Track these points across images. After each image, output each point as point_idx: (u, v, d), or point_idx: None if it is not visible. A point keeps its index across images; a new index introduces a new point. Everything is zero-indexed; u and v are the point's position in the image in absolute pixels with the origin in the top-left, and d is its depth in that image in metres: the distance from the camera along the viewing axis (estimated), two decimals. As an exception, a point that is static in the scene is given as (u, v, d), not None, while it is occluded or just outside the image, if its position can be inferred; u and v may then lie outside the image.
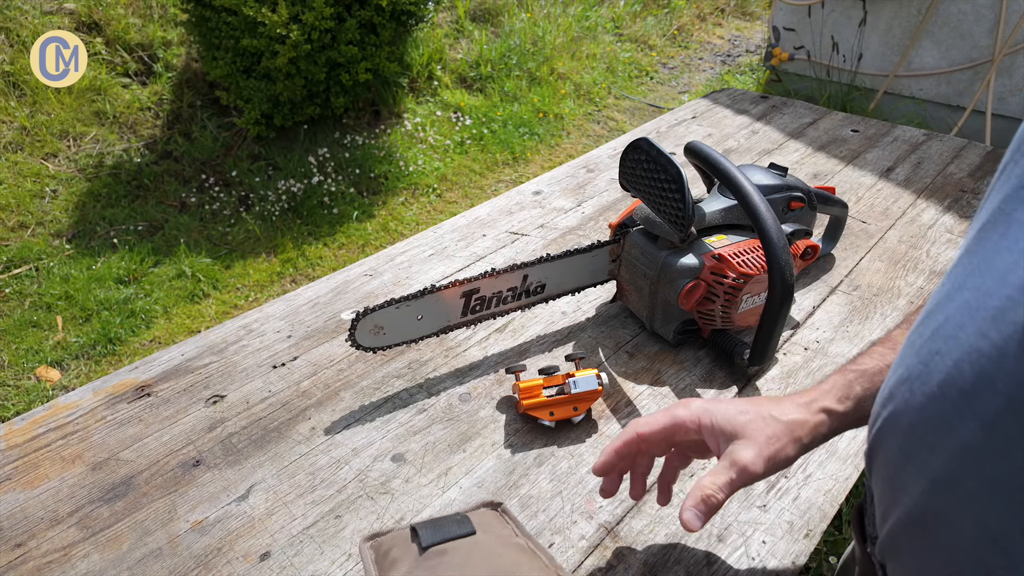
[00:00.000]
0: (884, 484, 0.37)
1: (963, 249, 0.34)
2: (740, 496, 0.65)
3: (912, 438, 0.33)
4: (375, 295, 0.97)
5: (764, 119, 1.54)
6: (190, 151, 2.88)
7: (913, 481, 0.33)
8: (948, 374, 0.30)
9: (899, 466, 0.34)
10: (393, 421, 0.75)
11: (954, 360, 0.30)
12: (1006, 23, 2.72)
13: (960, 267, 0.33)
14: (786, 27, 3.43)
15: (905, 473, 0.34)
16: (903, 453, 0.34)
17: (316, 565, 0.60)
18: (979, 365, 0.28)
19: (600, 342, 0.87)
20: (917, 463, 0.32)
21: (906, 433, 0.33)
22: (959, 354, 0.30)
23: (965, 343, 0.29)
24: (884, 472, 0.37)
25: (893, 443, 0.35)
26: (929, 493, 0.32)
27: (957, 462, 0.30)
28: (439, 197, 2.91)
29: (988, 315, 0.28)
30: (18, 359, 2.00)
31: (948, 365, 0.30)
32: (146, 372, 0.83)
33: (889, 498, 0.36)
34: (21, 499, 0.66)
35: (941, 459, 0.31)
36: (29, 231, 2.49)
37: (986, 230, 0.32)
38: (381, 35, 2.78)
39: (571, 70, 3.85)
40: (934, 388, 0.31)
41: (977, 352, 0.28)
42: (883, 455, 0.36)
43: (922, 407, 0.32)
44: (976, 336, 0.29)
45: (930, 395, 0.31)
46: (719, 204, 0.83)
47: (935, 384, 0.31)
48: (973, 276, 0.31)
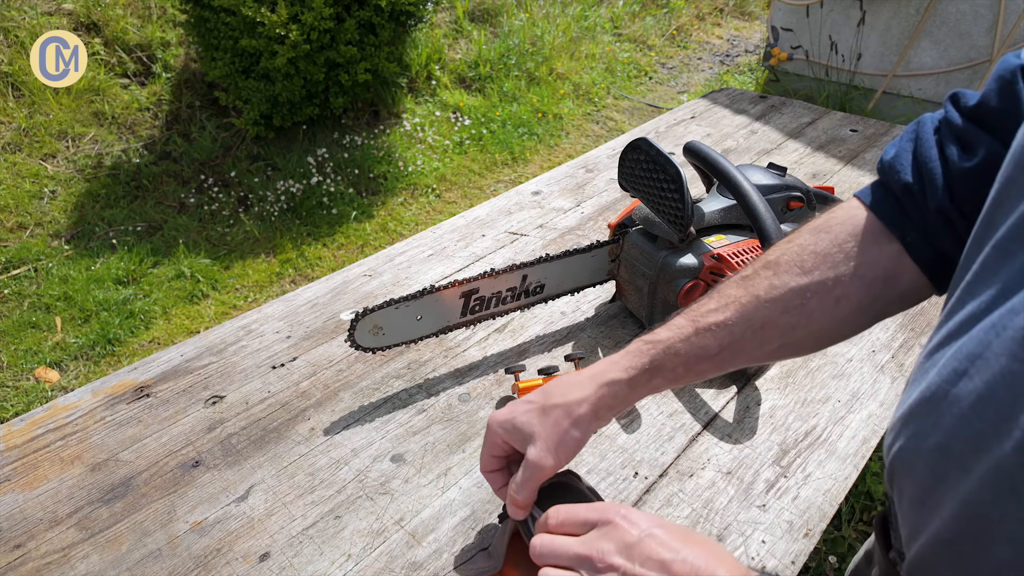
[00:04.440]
0: (912, 504, 0.36)
1: (979, 265, 0.33)
2: (740, 496, 0.65)
3: (943, 460, 0.32)
4: (374, 295, 0.97)
5: (763, 119, 1.54)
6: (189, 152, 2.88)
7: (945, 503, 0.32)
8: (980, 396, 0.30)
9: (929, 487, 0.34)
10: (392, 421, 0.75)
11: (985, 382, 0.29)
12: (1004, 22, 2.73)
13: (979, 283, 0.32)
14: (784, 27, 3.43)
15: (936, 495, 0.33)
16: (933, 474, 0.33)
17: (316, 566, 0.60)
18: (1014, 387, 0.28)
19: (599, 342, 0.87)
20: (949, 484, 0.32)
21: (934, 454, 0.33)
22: (990, 376, 0.29)
23: (996, 365, 0.29)
24: (911, 492, 0.36)
25: (920, 464, 0.34)
26: (961, 515, 0.31)
27: (990, 484, 0.29)
28: (438, 197, 2.91)
29: (1018, 335, 0.28)
30: (17, 360, 2.00)
31: (979, 387, 0.30)
32: (145, 373, 0.83)
33: (917, 518, 0.36)
34: (20, 500, 0.66)
35: (974, 481, 0.30)
36: (28, 232, 2.49)
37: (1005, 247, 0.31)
38: (380, 35, 2.78)
39: (570, 70, 3.85)
40: (966, 410, 0.30)
41: (1011, 374, 0.28)
42: (908, 475, 0.36)
43: (953, 429, 0.31)
44: (1008, 358, 0.28)
45: (961, 416, 0.31)
46: (718, 204, 0.83)
47: (967, 406, 0.30)
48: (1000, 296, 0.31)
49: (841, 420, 0.74)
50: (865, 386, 0.79)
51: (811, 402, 0.77)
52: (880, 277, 0.45)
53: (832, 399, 0.77)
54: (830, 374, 0.81)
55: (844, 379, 0.80)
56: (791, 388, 0.79)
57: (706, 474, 0.68)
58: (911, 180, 0.43)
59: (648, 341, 0.50)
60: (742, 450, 0.71)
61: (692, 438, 0.72)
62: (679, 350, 0.49)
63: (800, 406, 0.76)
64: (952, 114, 0.43)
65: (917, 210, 0.44)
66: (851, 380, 0.80)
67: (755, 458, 0.70)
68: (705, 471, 0.68)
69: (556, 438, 0.49)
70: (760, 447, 0.71)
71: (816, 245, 0.46)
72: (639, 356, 0.50)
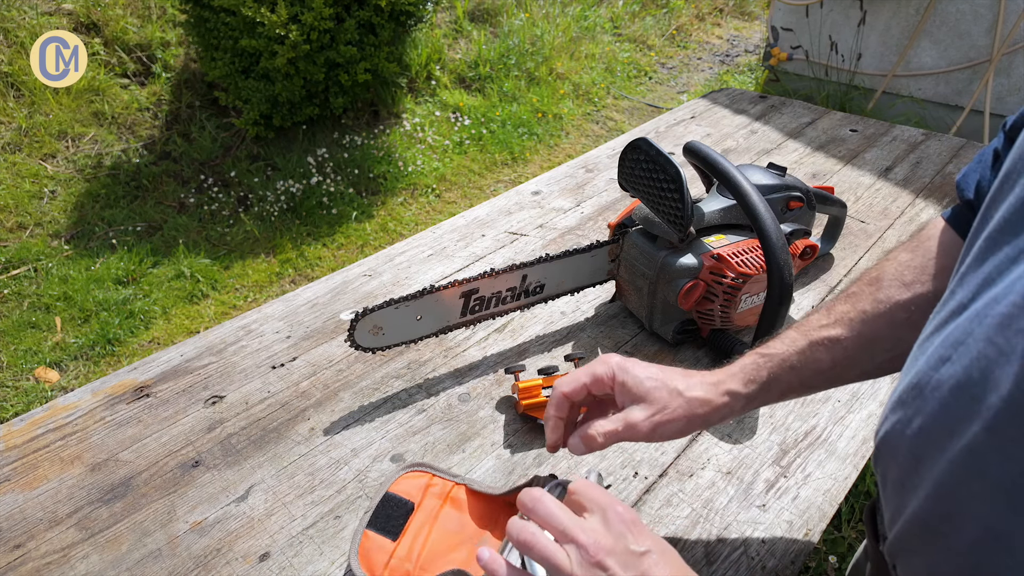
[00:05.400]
0: (893, 487, 0.37)
1: (972, 257, 0.34)
2: (740, 496, 0.65)
3: (922, 442, 0.33)
4: (374, 295, 0.97)
5: (763, 119, 1.54)
6: (189, 152, 2.88)
7: (921, 484, 0.33)
8: (958, 381, 0.31)
9: (909, 469, 0.35)
10: (392, 421, 0.75)
11: (963, 366, 0.30)
12: (1004, 22, 2.73)
13: (970, 274, 0.34)
14: (784, 27, 3.43)
15: (916, 476, 0.34)
16: (913, 456, 0.34)
17: (316, 566, 0.59)
18: (985, 370, 0.29)
19: (599, 342, 0.87)
20: (927, 466, 0.33)
21: (916, 437, 0.34)
22: (968, 360, 0.30)
23: (974, 349, 0.30)
24: (893, 475, 0.37)
25: (904, 448, 0.35)
26: (935, 496, 0.32)
27: (961, 464, 0.30)
28: (438, 197, 2.91)
29: (995, 322, 0.29)
30: (17, 360, 1.99)
31: (958, 371, 0.31)
32: (145, 373, 0.83)
33: (898, 500, 0.37)
34: (20, 500, 0.66)
35: (946, 461, 0.31)
36: (28, 232, 2.49)
37: (994, 239, 0.32)
38: (380, 35, 2.78)
39: (570, 70, 3.85)
40: (945, 394, 0.31)
41: (984, 357, 0.29)
42: (892, 459, 0.37)
43: (934, 413, 0.32)
44: (984, 342, 0.29)
45: (941, 400, 0.32)
46: (718, 204, 0.83)
47: (946, 390, 0.31)
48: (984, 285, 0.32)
49: (841, 420, 0.74)
50: (865, 386, 0.79)
51: (811, 402, 0.77)
52: None
53: (832, 399, 0.77)
54: (830, 374, 0.81)
55: (844, 379, 0.80)
56: (791, 388, 0.79)
57: (706, 474, 0.68)
58: (972, 197, 0.47)
59: (764, 354, 0.51)
60: (742, 450, 0.71)
61: (692, 438, 0.72)
62: (794, 364, 0.50)
63: (800, 406, 0.76)
64: (1000, 135, 0.46)
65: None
66: (851, 380, 0.80)
67: (755, 458, 0.70)
68: (705, 471, 0.68)
69: (661, 419, 0.49)
70: (760, 447, 0.71)
71: (912, 260, 0.50)
72: (757, 370, 0.51)
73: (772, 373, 0.51)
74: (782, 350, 0.51)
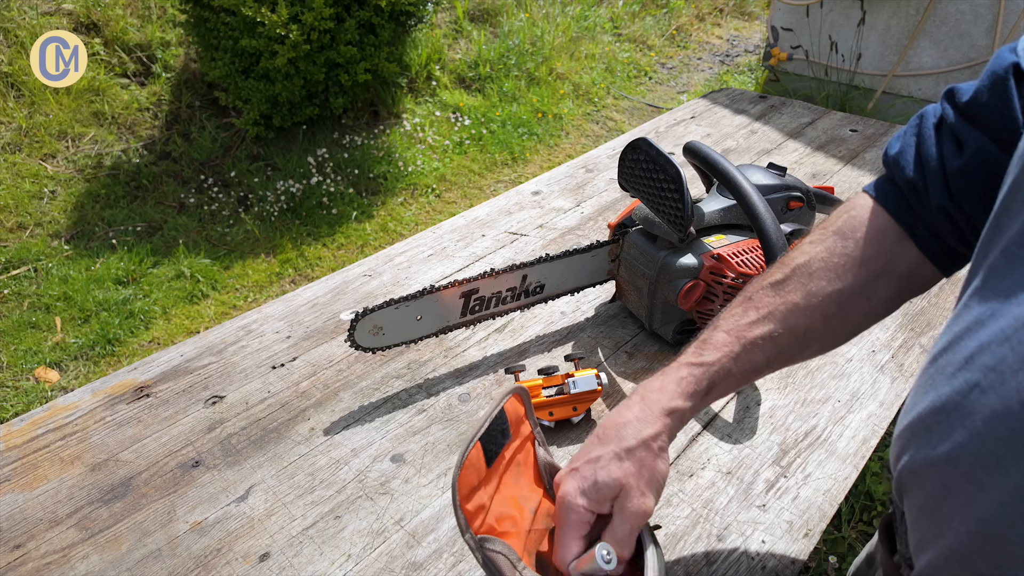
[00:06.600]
0: (920, 513, 0.36)
1: (987, 270, 0.33)
2: (740, 496, 0.65)
3: (954, 473, 0.32)
4: (374, 295, 0.97)
5: (763, 119, 1.54)
6: (189, 152, 2.88)
7: (958, 517, 0.32)
8: (995, 411, 0.29)
9: (939, 498, 0.33)
10: (392, 421, 0.75)
11: (1000, 397, 0.29)
12: (1004, 22, 2.73)
13: (989, 289, 0.32)
14: (784, 27, 3.43)
15: (947, 507, 0.33)
16: (944, 486, 0.33)
17: (316, 566, 0.59)
18: None
19: (599, 342, 0.87)
20: (961, 499, 0.32)
21: (946, 466, 0.33)
22: (1006, 391, 0.29)
23: (1012, 380, 0.29)
24: (921, 502, 0.36)
25: (931, 475, 0.34)
26: (979, 533, 0.31)
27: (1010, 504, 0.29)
28: (438, 197, 2.91)
29: None
30: (17, 360, 1.99)
31: (994, 402, 0.29)
32: (145, 373, 0.83)
33: (926, 528, 0.35)
34: (20, 500, 0.66)
35: (993, 500, 0.30)
36: (28, 232, 2.49)
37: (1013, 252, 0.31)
38: (380, 35, 2.78)
39: (570, 70, 3.85)
40: (979, 425, 0.30)
41: None
42: (918, 486, 0.36)
43: (965, 442, 0.31)
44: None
45: (974, 431, 0.30)
46: (718, 204, 0.83)
47: (980, 421, 0.30)
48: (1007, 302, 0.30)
49: (841, 420, 0.74)
50: (865, 386, 0.79)
51: (811, 402, 0.77)
52: (905, 272, 0.48)
53: (832, 399, 0.77)
54: (830, 374, 0.81)
55: (844, 379, 0.80)
56: (791, 388, 0.79)
57: (706, 474, 0.68)
58: (914, 176, 0.45)
59: (698, 364, 0.50)
60: (742, 450, 0.71)
61: (692, 438, 0.72)
62: (731, 370, 0.49)
63: (800, 406, 0.76)
64: (948, 111, 0.44)
65: (921, 206, 0.45)
66: (851, 380, 0.80)
67: (755, 458, 0.70)
68: (705, 471, 0.68)
69: (647, 476, 0.47)
70: (760, 447, 0.71)
71: (845, 248, 0.48)
72: (694, 383, 0.49)
73: (711, 382, 0.49)
74: (717, 358, 0.49)
